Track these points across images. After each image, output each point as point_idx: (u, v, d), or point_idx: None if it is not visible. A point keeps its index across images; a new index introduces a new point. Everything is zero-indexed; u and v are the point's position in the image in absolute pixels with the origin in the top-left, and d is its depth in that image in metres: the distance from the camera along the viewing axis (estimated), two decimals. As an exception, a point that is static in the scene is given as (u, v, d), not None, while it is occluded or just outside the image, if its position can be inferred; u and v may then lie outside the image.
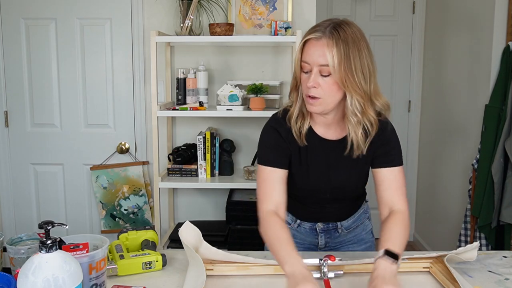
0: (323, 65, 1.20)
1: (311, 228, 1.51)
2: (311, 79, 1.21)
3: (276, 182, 1.33)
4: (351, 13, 3.71)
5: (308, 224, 1.51)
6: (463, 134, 2.87)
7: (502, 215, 2.34)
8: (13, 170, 2.85)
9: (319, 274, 1.23)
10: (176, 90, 2.60)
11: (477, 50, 2.67)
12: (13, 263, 1.28)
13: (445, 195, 3.17)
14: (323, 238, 1.52)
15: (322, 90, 1.23)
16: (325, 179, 1.38)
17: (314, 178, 1.39)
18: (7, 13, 2.73)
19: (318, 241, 1.53)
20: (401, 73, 3.73)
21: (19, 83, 2.78)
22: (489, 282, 1.25)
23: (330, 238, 1.53)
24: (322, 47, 1.19)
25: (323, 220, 1.49)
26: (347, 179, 1.40)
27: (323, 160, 1.37)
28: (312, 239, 1.53)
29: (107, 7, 2.71)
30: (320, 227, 1.50)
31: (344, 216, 1.50)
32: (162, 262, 1.32)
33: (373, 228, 1.59)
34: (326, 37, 1.19)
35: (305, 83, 1.24)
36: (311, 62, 1.21)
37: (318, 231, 1.51)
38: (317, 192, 1.42)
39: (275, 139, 1.35)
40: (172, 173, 2.53)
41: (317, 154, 1.36)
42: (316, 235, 1.52)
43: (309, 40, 1.22)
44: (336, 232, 1.52)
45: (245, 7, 2.64)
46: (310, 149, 1.36)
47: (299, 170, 1.38)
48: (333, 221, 1.50)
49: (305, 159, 1.37)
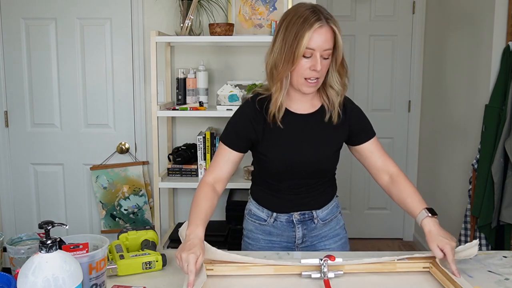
0: (326, 49, 1.31)
1: (287, 221, 1.53)
2: (318, 62, 1.30)
3: (226, 160, 1.45)
4: (351, 13, 3.71)
5: (285, 217, 1.52)
6: (463, 134, 2.87)
7: (502, 215, 2.34)
8: (13, 170, 2.85)
9: (319, 274, 1.23)
10: (176, 90, 2.60)
11: (477, 50, 2.68)
12: (13, 263, 1.28)
13: (445, 195, 3.17)
14: (300, 230, 1.53)
15: (322, 71, 1.34)
16: (300, 153, 1.44)
17: (289, 152, 1.43)
18: (7, 13, 2.73)
19: (296, 234, 1.54)
20: (401, 73, 3.73)
21: (19, 83, 2.78)
22: (489, 282, 1.25)
23: (307, 229, 1.54)
24: (326, 34, 1.29)
25: (299, 209, 1.52)
26: (321, 151, 1.45)
27: (297, 134, 1.44)
28: (289, 233, 1.54)
29: (107, 7, 2.71)
30: (297, 218, 1.52)
31: (318, 204, 1.53)
32: (162, 262, 1.32)
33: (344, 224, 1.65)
34: (326, 25, 1.30)
35: (304, 67, 1.32)
36: (317, 48, 1.29)
37: (295, 223, 1.52)
38: (293, 167, 1.44)
39: (242, 125, 1.45)
40: (172, 173, 2.53)
41: (292, 129, 1.43)
42: (293, 227, 1.53)
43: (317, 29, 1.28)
44: (312, 223, 1.53)
45: (245, 7, 2.64)
46: (285, 127, 1.42)
47: (274, 148, 1.43)
48: (309, 210, 1.52)
49: (278, 136, 1.43)
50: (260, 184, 1.55)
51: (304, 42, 1.28)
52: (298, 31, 1.28)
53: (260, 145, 1.45)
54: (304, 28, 1.28)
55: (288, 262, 1.29)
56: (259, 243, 1.57)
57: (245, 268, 1.28)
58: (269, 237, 1.56)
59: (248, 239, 1.60)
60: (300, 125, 1.44)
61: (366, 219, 3.89)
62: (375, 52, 3.74)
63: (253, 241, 1.58)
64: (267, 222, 1.54)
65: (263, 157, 1.45)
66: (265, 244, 1.56)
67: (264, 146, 1.44)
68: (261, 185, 1.54)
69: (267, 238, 1.56)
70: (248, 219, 1.60)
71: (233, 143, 1.45)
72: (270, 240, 1.56)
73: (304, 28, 1.28)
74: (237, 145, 1.45)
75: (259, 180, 1.57)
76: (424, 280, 1.26)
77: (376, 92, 3.77)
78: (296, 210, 1.52)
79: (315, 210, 1.53)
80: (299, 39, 1.28)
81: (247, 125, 1.44)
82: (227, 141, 1.46)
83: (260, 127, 1.43)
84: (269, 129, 1.42)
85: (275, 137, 1.43)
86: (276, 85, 1.37)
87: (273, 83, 1.38)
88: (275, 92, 1.38)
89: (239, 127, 1.46)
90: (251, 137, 1.45)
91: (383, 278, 1.26)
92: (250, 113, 1.44)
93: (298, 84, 1.37)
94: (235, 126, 1.47)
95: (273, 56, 1.35)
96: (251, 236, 1.59)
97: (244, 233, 1.63)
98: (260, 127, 1.43)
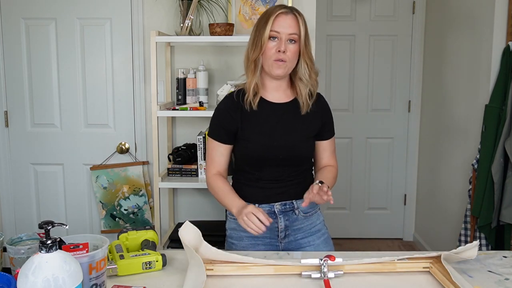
0: (292, 34, 1.48)
1: (269, 212, 1.58)
2: (282, 44, 1.48)
3: (220, 155, 1.61)
4: (351, 13, 3.71)
5: (267, 208, 1.58)
6: (463, 134, 2.87)
7: (502, 215, 2.34)
8: (13, 170, 2.85)
9: (319, 274, 1.23)
10: (176, 90, 2.60)
11: (477, 50, 2.68)
12: (13, 263, 1.28)
13: (445, 195, 3.17)
14: (282, 221, 1.59)
15: (289, 55, 1.49)
16: (275, 138, 1.56)
17: (266, 137, 1.55)
18: (7, 13, 2.73)
19: (278, 225, 1.58)
20: (401, 73, 3.73)
21: (19, 83, 2.78)
22: (489, 282, 1.25)
23: (289, 221, 1.60)
24: (292, 20, 1.49)
25: (280, 199, 1.59)
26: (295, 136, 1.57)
27: (274, 121, 1.57)
28: (272, 225, 1.54)
29: (107, 7, 2.71)
30: (278, 208, 1.58)
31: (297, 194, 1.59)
32: (162, 262, 1.32)
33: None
34: (290, 13, 1.50)
35: (272, 49, 1.49)
36: (281, 31, 1.48)
37: (277, 213, 1.58)
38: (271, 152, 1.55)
39: (223, 117, 1.59)
40: (172, 173, 2.53)
41: (268, 116, 1.57)
42: (275, 218, 1.58)
43: (280, 14, 1.48)
44: (293, 213, 1.60)
45: (245, 7, 2.64)
46: (261, 114, 1.56)
47: (253, 133, 1.56)
48: (290, 199, 1.59)
49: (256, 123, 1.56)
50: (241, 177, 1.64)
51: (268, 24, 1.47)
52: (265, 17, 1.50)
53: (240, 131, 1.57)
54: (270, 14, 1.49)
55: (288, 262, 1.29)
56: (242, 241, 1.60)
57: (245, 268, 1.28)
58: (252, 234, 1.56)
59: (231, 238, 1.64)
60: (275, 112, 1.58)
61: (366, 219, 3.89)
62: (375, 52, 3.73)
63: (236, 240, 1.62)
64: None
65: (244, 142, 1.57)
66: (248, 242, 1.60)
67: (244, 131, 1.56)
68: (242, 177, 1.64)
69: (250, 235, 1.54)
70: (230, 218, 1.65)
71: (219, 136, 1.59)
72: (253, 237, 1.57)
73: (270, 14, 1.49)
74: (223, 138, 1.59)
75: (240, 174, 1.65)
76: (424, 280, 1.26)
77: (376, 92, 3.77)
78: (277, 200, 1.59)
79: (295, 200, 1.60)
80: (265, 23, 1.48)
81: (226, 116, 1.57)
82: (213, 136, 1.60)
83: (238, 115, 1.56)
84: (247, 116, 1.56)
85: (253, 123, 1.56)
86: (249, 69, 1.54)
87: (247, 69, 1.55)
88: (248, 77, 1.55)
89: (220, 121, 1.60)
90: (232, 128, 1.57)
91: (383, 278, 1.26)
92: (227, 105, 1.59)
93: (268, 67, 1.52)
94: (217, 121, 1.61)
95: (247, 46, 1.55)
96: (234, 235, 1.63)
97: (227, 234, 1.67)
98: (238, 115, 1.56)
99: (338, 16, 3.70)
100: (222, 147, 1.60)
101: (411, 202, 3.84)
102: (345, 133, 3.75)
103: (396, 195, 3.87)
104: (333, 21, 3.71)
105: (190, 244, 1.24)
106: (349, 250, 1.67)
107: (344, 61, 3.74)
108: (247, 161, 1.60)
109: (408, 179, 3.82)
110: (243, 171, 1.63)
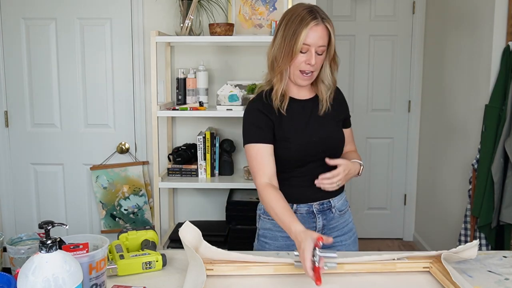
0: (321, 46, 1.44)
1: (308, 212, 1.56)
2: (312, 57, 1.43)
3: (265, 156, 1.49)
4: (351, 13, 3.71)
5: (305, 208, 1.56)
6: (463, 134, 2.87)
7: (502, 215, 2.34)
8: (13, 170, 2.85)
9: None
10: (176, 90, 2.60)
11: (477, 50, 2.68)
12: (13, 263, 1.28)
13: (445, 195, 3.17)
14: (321, 220, 1.58)
15: (315, 66, 1.47)
16: (314, 132, 1.53)
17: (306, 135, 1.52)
18: (7, 13, 2.73)
19: (316, 225, 1.57)
20: (401, 73, 3.73)
21: (19, 83, 2.78)
22: (489, 282, 1.25)
23: (326, 219, 1.59)
24: (321, 32, 1.43)
25: (317, 198, 1.56)
26: (328, 126, 1.57)
27: (306, 117, 1.55)
28: (310, 225, 1.55)
29: (107, 7, 2.71)
30: (317, 208, 1.57)
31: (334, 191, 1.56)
32: (162, 262, 1.32)
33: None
34: (321, 24, 1.43)
35: (300, 61, 1.45)
36: (312, 44, 1.43)
37: (315, 213, 1.56)
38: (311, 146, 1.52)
39: (257, 117, 1.51)
40: (172, 173, 2.53)
41: (299, 114, 1.54)
42: (313, 218, 1.57)
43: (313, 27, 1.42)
44: (330, 212, 1.59)
45: (245, 7, 2.64)
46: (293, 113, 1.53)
47: (290, 133, 1.51)
48: (326, 199, 1.58)
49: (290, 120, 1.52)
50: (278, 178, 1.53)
51: (301, 38, 1.41)
52: (296, 28, 1.42)
53: (278, 131, 1.51)
54: (302, 26, 1.41)
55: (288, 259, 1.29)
56: (277, 241, 1.57)
57: (245, 268, 1.28)
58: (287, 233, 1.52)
59: (265, 238, 1.59)
60: (304, 109, 1.55)
61: (366, 219, 3.89)
62: (375, 52, 3.73)
63: (271, 240, 1.58)
64: None
65: (283, 143, 1.50)
66: (283, 241, 1.56)
67: (280, 132, 1.51)
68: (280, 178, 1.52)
69: (286, 235, 1.49)
70: (264, 218, 1.60)
71: (261, 137, 1.49)
72: (288, 237, 1.48)
73: (302, 26, 1.41)
74: (267, 137, 1.50)
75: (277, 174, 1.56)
76: (424, 280, 1.26)
77: (376, 92, 3.77)
78: (315, 200, 1.56)
79: (332, 199, 1.58)
80: (297, 36, 1.41)
81: (262, 117, 1.51)
82: (255, 139, 1.50)
83: (273, 116, 1.51)
84: (280, 116, 1.51)
85: (287, 123, 1.52)
86: (276, 77, 1.50)
87: (274, 74, 1.50)
88: (275, 83, 1.50)
89: (257, 122, 1.51)
90: (271, 126, 1.51)
91: (383, 278, 1.26)
92: (259, 107, 1.52)
93: (294, 77, 1.49)
94: (254, 123, 1.52)
95: (273, 51, 1.49)
96: (268, 235, 1.59)
97: (260, 233, 1.62)
98: (273, 115, 1.51)
99: (338, 16, 3.70)
100: (265, 147, 1.49)
101: (411, 202, 3.84)
102: (345, 133, 3.74)
103: (396, 195, 3.87)
104: (333, 21, 3.65)
105: (190, 244, 1.24)
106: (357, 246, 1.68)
107: (344, 61, 3.74)
108: (288, 161, 1.53)
109: (408, 179, 3.82)
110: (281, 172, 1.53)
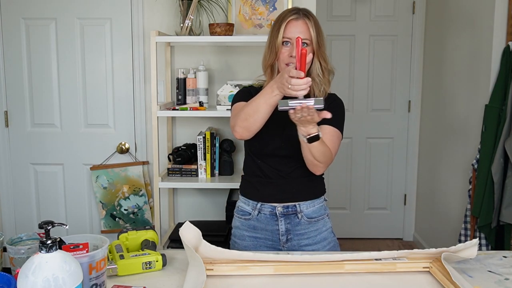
0: (303, 39, 1.49)
1: (271, 213, 1.58)
2: (294, 49, 1.47)
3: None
4: (351, 13, 3.71)
5: (268, 209, 1.58)
6: (463, 134, 2.87)
7: (502, 215, 2.34)
8: (13, 170, 2.85)
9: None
10: (176, 90, 2.60)
11: (477, 50, 2.68)
12: (13, 263, 1.28)
13: (445, 195, 3.17)
14: (283, 224, 1.58)
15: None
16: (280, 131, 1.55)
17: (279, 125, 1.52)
18: (7, 13, 2.73)
19: (279, 228, 1.58)
20: (401, 73, 3.73)
21: (19, 83, 2.78)
22: (489, 282, 1.24)
23: (290, 224, 1.58)
24: (302, 26, 1.51)
25: (283, 199, 1.57)
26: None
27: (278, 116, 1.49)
28: (272, 227, 1.58)
29: (107, 7, 2.71)
30: (280, 211, 1.58)
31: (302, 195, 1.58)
32: (162, 262, 1.32)
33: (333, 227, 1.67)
34: (301, 18, 1.52)
35: (285, 54, 1.52)
36: (292, 37, 1.50)
37: (278, 215, 1.58)
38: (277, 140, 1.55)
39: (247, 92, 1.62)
40: (172, 173, 2.53)
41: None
42: (276, 220, 1.58)
43: (290, 20, 1.51)
44: (296, 217, 1.58)
45: (245, 7, 2.64)
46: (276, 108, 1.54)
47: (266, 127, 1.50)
48: (292, 202, 1.57)
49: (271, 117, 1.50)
50: (248, 174, 1.65)
51: (281, 30, 1.51)
52: (278, 23, 1.53)
53: None
54: (282, 21, 1.52)
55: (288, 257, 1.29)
56: (245, 240, 1.62)
57: (245, 268, 1.28)
58: (253, 233, 1.61)
59: (235, 237, 1.66)
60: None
61: (366, 219, 3.89)
62: (375, 52, 3.73)
63: (239, 239, 1.63)
64: (251, 216, 1.60)
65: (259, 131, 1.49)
66: (250, 241, 1.61)
67: None
68: (249, 174, 1.64)
69: (252, 235, 1.61)
70: (235, 216, 1.68)
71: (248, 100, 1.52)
72: (255, 237, 1.60)
73: (282, 21, 1.52)
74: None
75: (248, 169, 1.66)
76: (424, 280, 1.26)
77: (376, 92, 3.77)
78: (280, 201, 1.57)
79: (298, 203, 1.58)
80: (278, 29, 1.52)
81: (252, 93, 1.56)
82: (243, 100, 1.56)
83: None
84: None
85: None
86: (267, 73, 1.59)
87: (265, 72, 1.60)
88: (266, 78, 1.60)
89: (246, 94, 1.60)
90: None
91: (383, 278, 1.26)
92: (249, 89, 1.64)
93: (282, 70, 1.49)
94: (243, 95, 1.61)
95: (264, 50, 1.59)
96: (237, 234, 1.65)
97: (232, 232, 1.69)
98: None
99: (338, 16, 3.71)
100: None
101: (411, 202, 3.84)
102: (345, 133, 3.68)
103: (396, 195, 3.87)
104: (333, 21, 3.71)
105: (190, 244, 1.24)
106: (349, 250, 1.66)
107: (344, 61, 3.74)
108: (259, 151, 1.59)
109: (408, 179, 3.82)
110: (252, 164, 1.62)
